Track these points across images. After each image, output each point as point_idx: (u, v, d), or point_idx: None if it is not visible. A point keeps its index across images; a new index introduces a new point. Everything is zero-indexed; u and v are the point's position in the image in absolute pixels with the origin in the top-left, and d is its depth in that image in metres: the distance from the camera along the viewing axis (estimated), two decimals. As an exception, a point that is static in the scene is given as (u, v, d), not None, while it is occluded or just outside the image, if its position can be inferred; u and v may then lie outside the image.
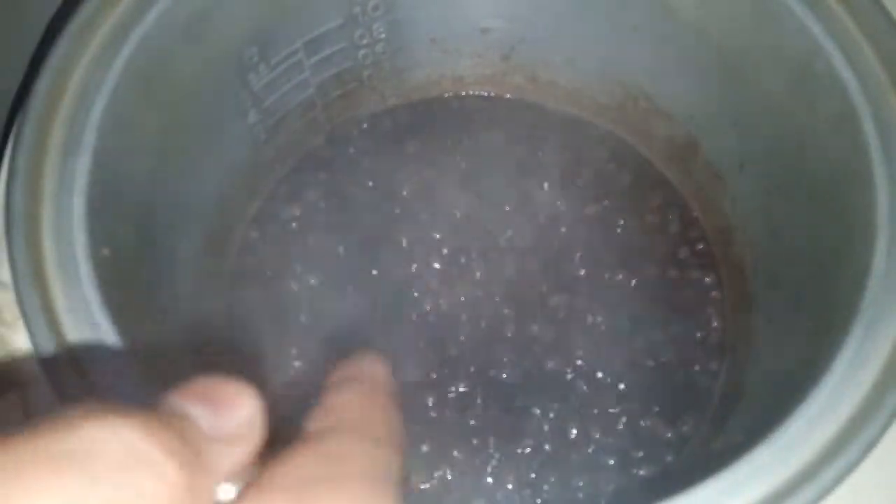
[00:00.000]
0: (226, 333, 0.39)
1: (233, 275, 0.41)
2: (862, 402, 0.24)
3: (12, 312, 0.26)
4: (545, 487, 0.36)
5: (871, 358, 0.24)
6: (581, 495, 0.36)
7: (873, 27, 0.29)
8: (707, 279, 0.40)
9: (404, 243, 0.40)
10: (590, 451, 0.37)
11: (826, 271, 0.30)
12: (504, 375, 0.38)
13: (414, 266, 0.40)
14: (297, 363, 0.38)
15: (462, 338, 0.39)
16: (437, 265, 0.40)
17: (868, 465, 0.23)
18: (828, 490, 0.22)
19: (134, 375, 0.24)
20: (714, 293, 0.40)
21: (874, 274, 0.25)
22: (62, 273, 0.26)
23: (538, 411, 0.37)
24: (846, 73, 0.29)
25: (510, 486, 0.36)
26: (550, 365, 0.38)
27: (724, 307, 0.39)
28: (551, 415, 0.37)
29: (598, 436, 0.37)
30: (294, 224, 0.41)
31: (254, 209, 0.42)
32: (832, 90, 0.29)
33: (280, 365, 0.38)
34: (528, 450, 0.37)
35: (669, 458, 0.37)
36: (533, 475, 0.36)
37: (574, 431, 0.37)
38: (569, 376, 0.38)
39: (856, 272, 0.27)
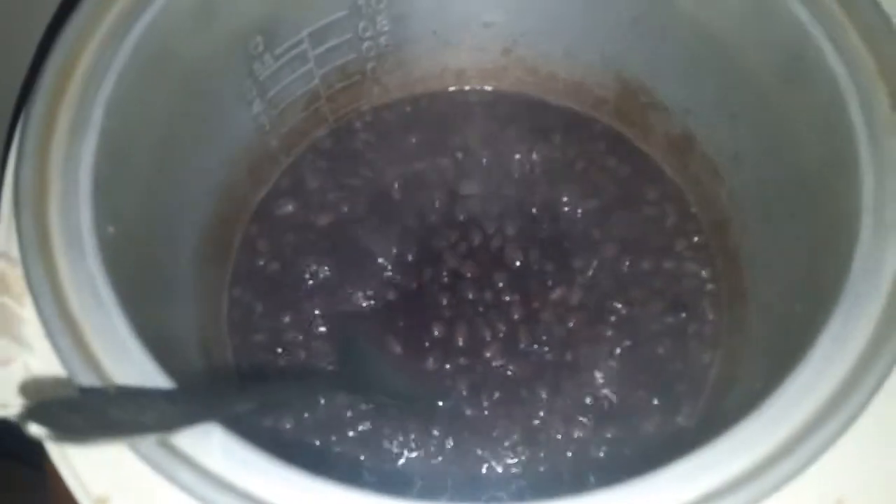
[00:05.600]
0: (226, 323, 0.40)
1: (234, 263, 0.41)
2: (843, 379, 0.24)
3: (20, 286, 0.27)
4: (535, 473, 0.36)
5: (850, 338, 0.25)
6: (568, 483, 0.36)
7: (861, 17, 0.29)
8: (703, 272, 0.41)
9: (405, 235, 0.41)
10: (581, 440, 0.37)
11: (816, 260, 0.31)
12: (502, 363, 0.38)
13: (415, 257, 0.41)
14: (302, 353, 0.39)
15: (462, 325, 0.39)
16: (437, 256, 0.41)
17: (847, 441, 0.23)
18: (805, 464, 0.23)
19: (134, 345, 0.25)
20: (710, 286, 0.40)
21: (857, 256, 0.26)
22: (68, 248, 0.27)
23: (531, 399, 0.38)
24: (835, 62, 0.29)
25: (500, 470, 0.36)
26: (546, 354, 0.39)
27: (719, 299, 0.40)
28: (544, 403, 0.38)
29: (590, 425, 0.37)
30: (295, 214, 0.42)
31: (256, 199, 0.42)
32: (822, 79, 0.30)
33: (286, 351, 0.39)
34: (518, 436, 0.37)
35: (661, 448, 0.37)
36: (521, 461, 0.37)
37: (566, 421, 0.37)
38: (563, 366, 0.38)
39: (841, 257, 0.27)
